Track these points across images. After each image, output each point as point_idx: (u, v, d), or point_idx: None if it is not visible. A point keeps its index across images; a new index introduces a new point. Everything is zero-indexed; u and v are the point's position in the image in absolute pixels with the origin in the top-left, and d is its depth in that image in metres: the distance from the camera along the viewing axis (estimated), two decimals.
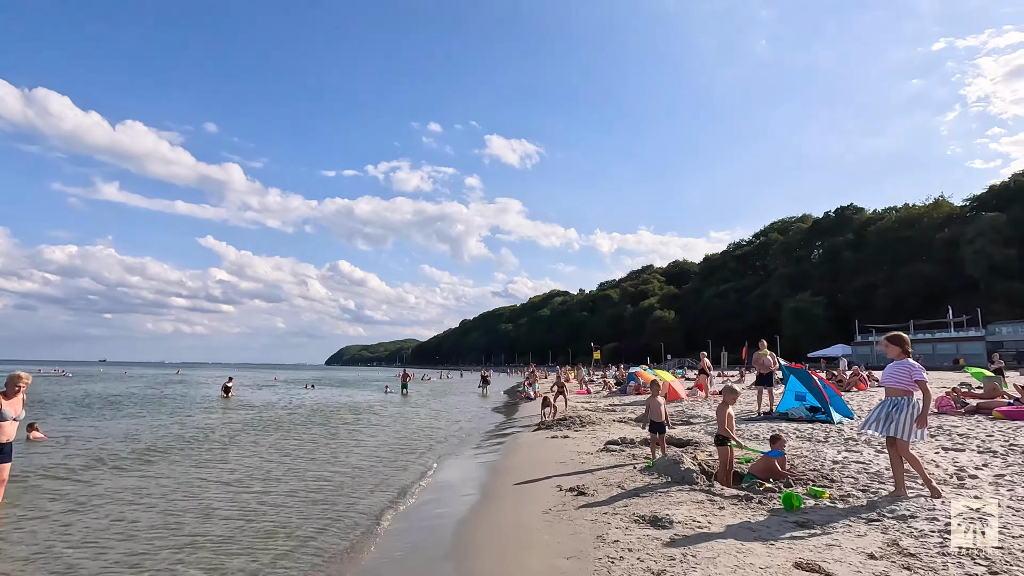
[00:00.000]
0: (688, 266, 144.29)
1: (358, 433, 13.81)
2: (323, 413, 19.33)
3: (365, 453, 10.66)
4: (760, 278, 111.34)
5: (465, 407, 22.55)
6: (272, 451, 10.75)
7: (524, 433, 12.07)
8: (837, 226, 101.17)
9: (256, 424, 15.39)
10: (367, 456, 10.31)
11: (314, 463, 9.53)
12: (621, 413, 14.41)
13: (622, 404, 17.65)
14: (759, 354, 12.37)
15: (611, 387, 26.32)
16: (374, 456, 10.35)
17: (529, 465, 7.73)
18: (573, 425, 11.61)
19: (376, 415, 19.11)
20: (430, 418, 17.89)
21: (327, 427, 14.95)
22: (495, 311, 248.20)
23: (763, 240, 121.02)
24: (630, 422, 11.87)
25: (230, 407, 21.00)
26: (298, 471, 8.80)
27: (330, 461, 9.74)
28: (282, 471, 8.76)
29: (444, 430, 14.46)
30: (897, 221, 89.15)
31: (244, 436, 12.96)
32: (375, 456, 10.36)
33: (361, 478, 8.29)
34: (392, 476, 8.49)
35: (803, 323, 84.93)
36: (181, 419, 16.63)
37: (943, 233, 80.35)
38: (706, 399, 16.79)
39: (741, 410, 12.71)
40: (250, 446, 11.39)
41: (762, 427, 9.64)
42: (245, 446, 11.40)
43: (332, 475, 8.50)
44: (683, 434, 9.42)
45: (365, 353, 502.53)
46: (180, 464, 9.35)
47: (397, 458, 10.13)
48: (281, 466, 9.20)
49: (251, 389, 36.99)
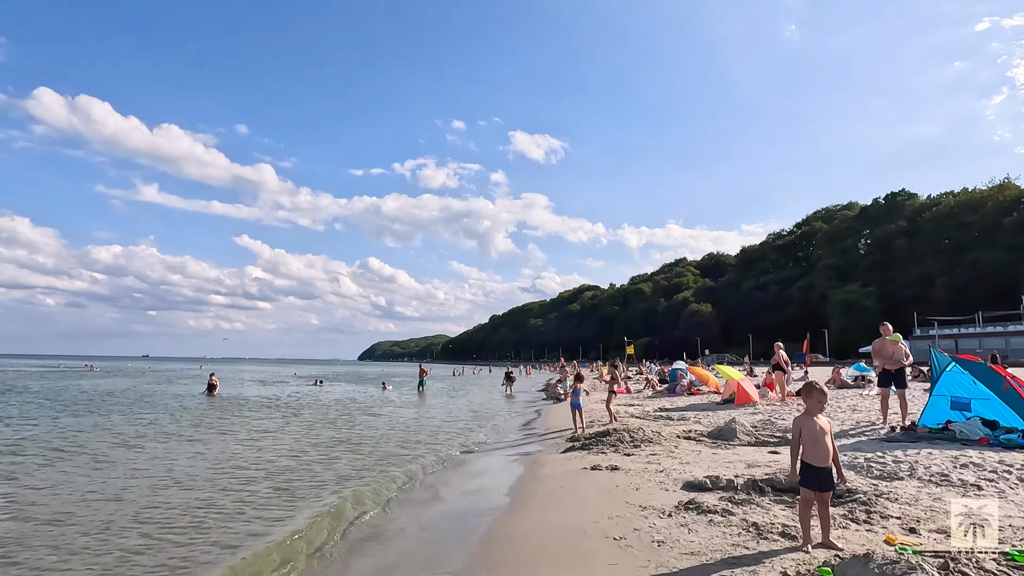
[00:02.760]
0: (723, 258, 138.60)
1: (310, 457, 9.20)
2: (295, 416, 16.47)
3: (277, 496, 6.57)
4: (803, 269, 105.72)
5: (481, 410, 19.47)
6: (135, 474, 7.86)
7: (549, 455, 8.71)
8: (887, 213, 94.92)
9: (177, 431, 12.57)
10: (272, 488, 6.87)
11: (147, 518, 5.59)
12: (681, 423, 11.05)
13: (676, 408, 14.23)
14: (883, 341, 8.88)
15: (655, 385, 22.89)
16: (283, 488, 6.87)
17: (551, 538, 4.31)
18: (621, 443, 8.19)
19: (369, 415, 16.30)
20: (427, 427, 14.05)
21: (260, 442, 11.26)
22: (524, 306, 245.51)
23: (806, 230, 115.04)
24: (702, 439, 8.61)
25: (193, 408, 18.44)
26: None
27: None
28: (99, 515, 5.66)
29: (439, 445, 10.61)
30: (957, 206, 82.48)
31: (147, 444, 10.34)
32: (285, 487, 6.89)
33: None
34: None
35: (852, 316, 79.40)
36: (103, 420, 14.41)
37: (1011, 217, 73.72)
38: (783, 402, 13.33)
39: (857, 422, 9.29)
40: (124, 460, 8.73)
41: (916, 456, 6.21)
42: (120, 462, 8.65)
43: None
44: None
45: (396, 349, 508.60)
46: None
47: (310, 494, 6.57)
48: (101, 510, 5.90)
49: (258, 385, 34.86)
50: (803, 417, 3.84)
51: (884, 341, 8.89)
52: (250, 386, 34.19)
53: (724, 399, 14.35)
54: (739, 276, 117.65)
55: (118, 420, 14.57)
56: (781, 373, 13.96)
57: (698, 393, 18.41)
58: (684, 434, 9.05)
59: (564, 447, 9.04)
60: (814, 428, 3.74)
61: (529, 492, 6.28)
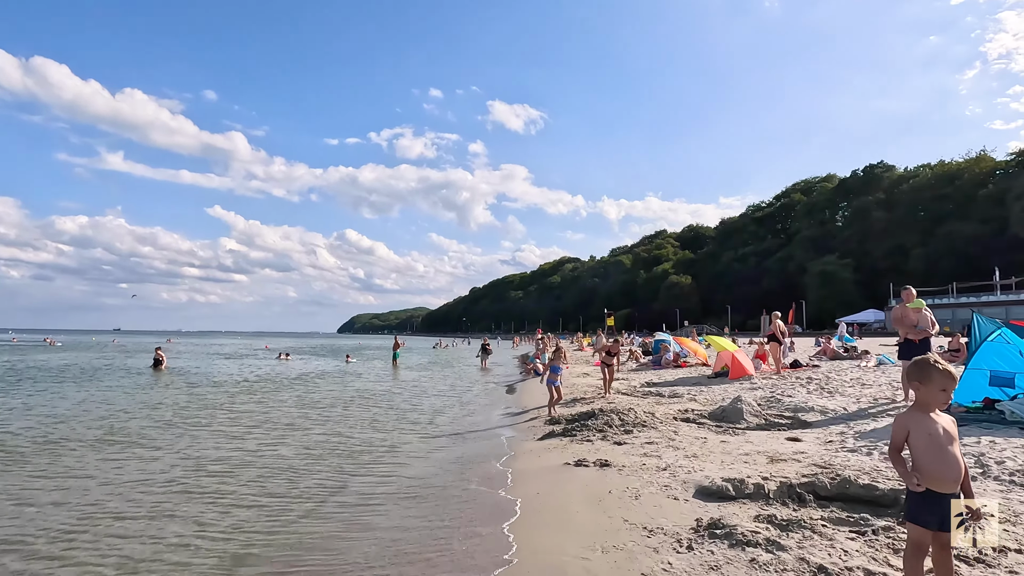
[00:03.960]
0: (703, 231, 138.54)
1: (235, 458, 7.09)
2: (244, 393, 15.07)
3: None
4: (782, 241, 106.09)
5: (453, 384, 18.22)
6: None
7: (523, 443, 7.31)
8: (865, 185, 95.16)
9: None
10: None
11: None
12: (675, 401, 9.75)
13: (664, 383, 13.10)
14: (904, 308, 7.72)
15: (639, 358, 21.88)
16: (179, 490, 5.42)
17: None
18: (610, 428, 6.89)
19: (327, 392, 14.91)
20: (389, 405, 12.46)
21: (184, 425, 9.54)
22: (504, 279, 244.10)
23: (785, 202, 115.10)
24: (703, 420, 7.25)
25: (126, 385, 16.80)
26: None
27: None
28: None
29: (387, 433, 8.73)
30: (934, 178, 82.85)
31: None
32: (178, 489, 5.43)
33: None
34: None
35: (830, 287, 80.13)
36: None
37: (986, 189, 74.33)
38: (780, 375, 12.31)
39: (874, 398, 8.18)
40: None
41: (977, 447, 5.00)
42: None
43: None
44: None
45: (376, 321, 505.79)
46: None
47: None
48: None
49: (219, 359, 32.97)
50: (913, 414, 2.45)
51: (906, 308, 7.74)
52: (210, 360, 32.36)
53: (715, 372, 13.29)
54: (718, 248, 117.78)
55: (36, 400, 12.89)
56: (777, 344, 12.87)
57: (685, 365, 17.41)
58: (681, 415, 7.81)
59: (542, 432, 7.72)
60: (934, 432, 2.35)
61: (494, 505, 4.74)
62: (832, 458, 5.05)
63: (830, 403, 8.07)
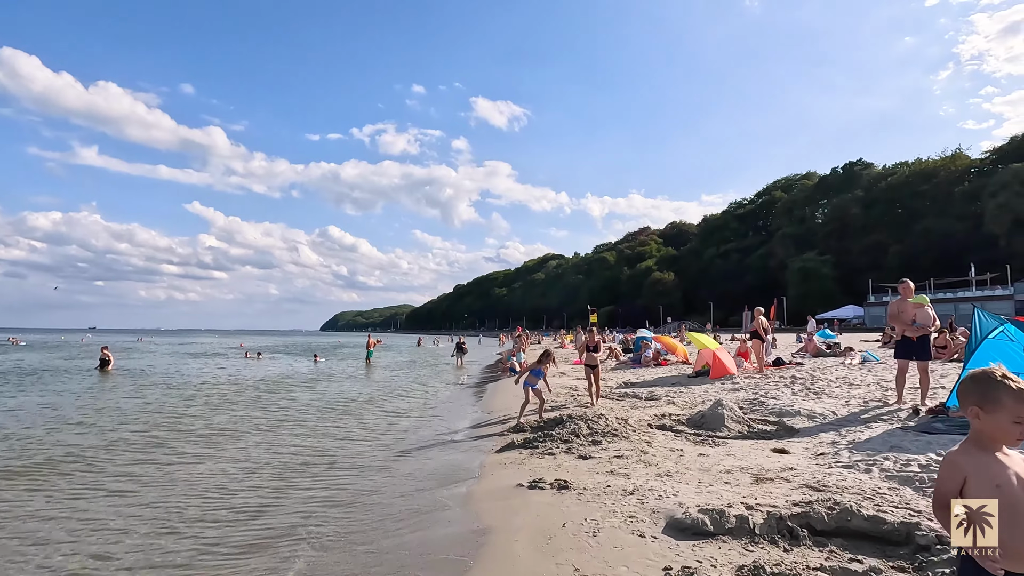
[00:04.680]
0: (686, 227, 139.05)
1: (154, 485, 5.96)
2: (192, 397, 14.12)
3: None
4: (763, 238, 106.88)
5: (423, 384, 17.37)
6: None
7: (479, 457, 6.42)
8: (844, 183, 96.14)
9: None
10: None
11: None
12: (652, 405, 9.08)
13: (642, 383, 12.40)
14: (903, 303, 7.09)
15: (618, 355, 21.23)
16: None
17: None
18: (576, 438, 6.12)
19: (287, 397, 13.99)
20: (346, 410, 11.47)
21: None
22: (489, 275, 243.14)
23: (766, 199, 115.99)
24: (680, 427, 6.62)
25: (68, 388, 15.71)
26: None
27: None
28: None
29: (331, 448, 7.73)
30: (912, 175, 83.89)
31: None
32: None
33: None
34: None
35: (809, 283, 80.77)
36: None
37: (962, 187, 75.44)
38: (762, 373, 11.70)
39: (865, 400, 7.55)
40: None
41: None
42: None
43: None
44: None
45: (360, 319, 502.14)
46: None
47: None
48: None
49: (184, 359, 31.58)
50: (970, 454, 1.63)
51: (904, 303, 7.11)
52: (174, 360, 31.02)
53: (696, 371, 12.65)
54: (701, 245, 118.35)
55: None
56: (759, 342, 12.27)
57: (665, 364, 16.78)
58: (657, 420, 7.09)
59: (503, 442, 6.88)
60: (1005, 481, 1.54)
61: (421, 545, 3.80)
62: (826, 477, 4.33)
63: (817, 406, 7.43)
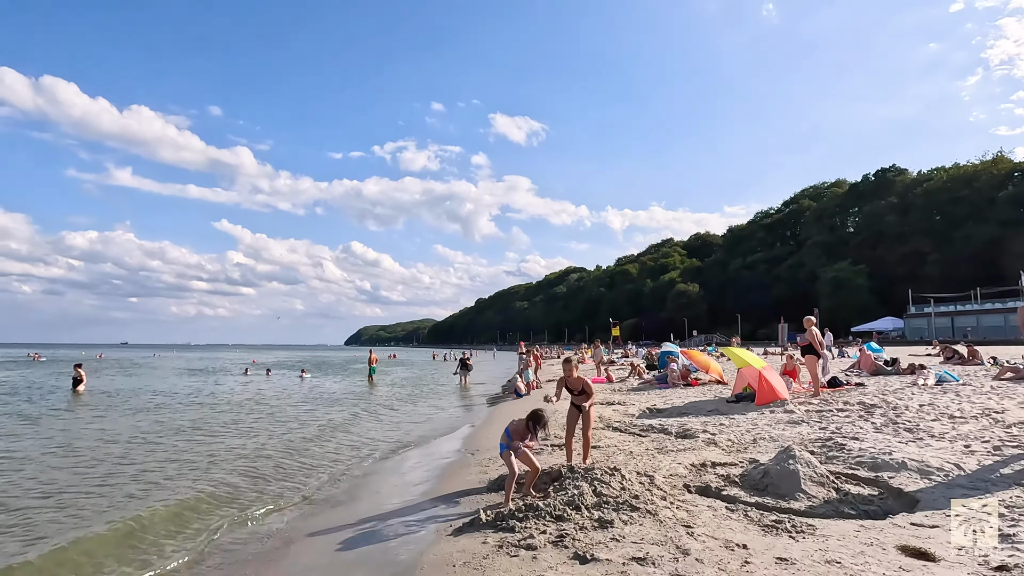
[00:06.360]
0: (711, 238, 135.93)
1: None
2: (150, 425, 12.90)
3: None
4: (791, 248, 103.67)
5: (412, 410, 15.68)
6: None
7: (427, 542, 4.25)
8: (877, 190, 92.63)
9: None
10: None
11: None
12: (687, 444, 7.05)
13: (671, 409, 10.73)
14: None
15: (641, 373, 19.51)
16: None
17: None
18: (577, 513, 4.18)
19: (244, 420, 12.70)
20: (290, 447, 9.50)
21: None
22: (510, 289, 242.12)
23: (794, 208, 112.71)
24: (731, 488, 4.78)
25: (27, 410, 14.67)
26: None
27: None
28: None
29: (241, 510, 6.03)
30: (950, 180, 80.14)
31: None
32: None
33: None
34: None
35: (843, 294, 77.30)
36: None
37: (1006, 191, 71.50)
38: (819, 397, 9.97)
39: (979, 444, 5.79)
40: None
41: None
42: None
43: None
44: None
45: (383, 333, 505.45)
46: None
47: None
48: None
49: (177, 375, 30.28)
50: None
51: None
52: (168, 377, 29.77)
53: (736, 394, 10.97)
54: (726, 255, 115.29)
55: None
56: (814, 358, 10.46)
57: (696, 383, 15.05)
58: (696, 475, 5.37)
59: (467, 514, 4.82)
60: None
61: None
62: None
63: (927, 453, 5.61)
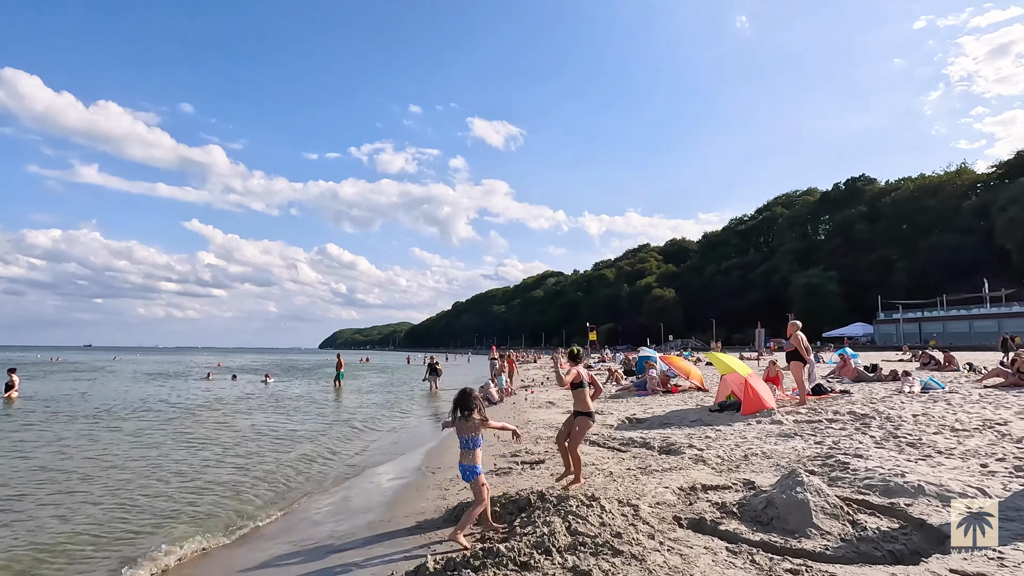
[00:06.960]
0: (686, 244, 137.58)
1: None
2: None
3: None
4: (765, 254, 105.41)
5: (374, 416, 14.61)
6: None
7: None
8: (847, 198, 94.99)
9: None
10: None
11: None
12: (673, 462, 6.17)
13: (652, 419, 10.13)
14: None
15: (619, 378, 18.95)
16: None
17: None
18: (546, 557, 3.26)
19: (184, 432, 11.68)
20: (218, 468, 8.18)
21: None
22: (487, 293, 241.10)
23: (767, 215, 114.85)
24: (729, 521, 3.97)
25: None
26: None
27: None
28: None
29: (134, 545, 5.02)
30: (917, 190, 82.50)
31: None
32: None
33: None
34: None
35: (815, 300, 78.62)
36: None
37: (970, 201, 73.82)
38: (803, 404, 9.47)
39: (995, 461, 5.23)
40: None
41: None
42: None
43: None
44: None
45: (359, 336, 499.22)
46: None
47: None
48: None
49: (133, 381, 28.28)
50: None
51: None
52: (123, 381, 28.04)
53: (719, 403, 10.40)
54: (702, 261, 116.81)
55: None
56: (800, 364, 9.97)
57: (676, 390, 14.50)
58: (687, 503, 4.64)
59: (413, 558, 3.98)
60: None
61: None
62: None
63: (941, 472, 4.96)
